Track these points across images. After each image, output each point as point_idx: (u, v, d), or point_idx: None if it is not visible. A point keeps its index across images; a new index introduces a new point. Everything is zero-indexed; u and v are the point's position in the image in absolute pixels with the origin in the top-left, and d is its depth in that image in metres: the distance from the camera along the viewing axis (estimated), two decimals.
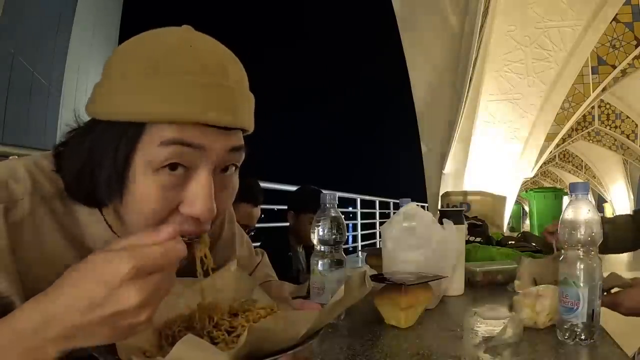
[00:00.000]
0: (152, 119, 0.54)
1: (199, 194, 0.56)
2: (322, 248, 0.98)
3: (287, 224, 2.61)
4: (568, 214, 0.82)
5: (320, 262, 0.98)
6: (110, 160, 0.55)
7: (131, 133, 0.54)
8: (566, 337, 0.82)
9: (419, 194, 9.20)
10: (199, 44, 0.58)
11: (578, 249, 0.81)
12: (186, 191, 0.56)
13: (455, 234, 1.23)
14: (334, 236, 0.97)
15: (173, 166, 0.55)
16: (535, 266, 1.24)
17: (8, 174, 0.59)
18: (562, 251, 0.85)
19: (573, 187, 0.83)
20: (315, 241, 0.98)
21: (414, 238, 1.15)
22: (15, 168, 0.60)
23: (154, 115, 0.54)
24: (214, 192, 0.57)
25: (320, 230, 0.98)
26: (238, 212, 1.39)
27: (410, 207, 1.20)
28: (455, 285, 1.26)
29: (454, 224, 1.22)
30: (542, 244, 1.79)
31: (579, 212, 0.81)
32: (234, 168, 0.61)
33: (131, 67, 0.55)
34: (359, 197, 7.16)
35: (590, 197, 0.87)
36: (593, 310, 0.81)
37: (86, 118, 0.60)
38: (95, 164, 0.57)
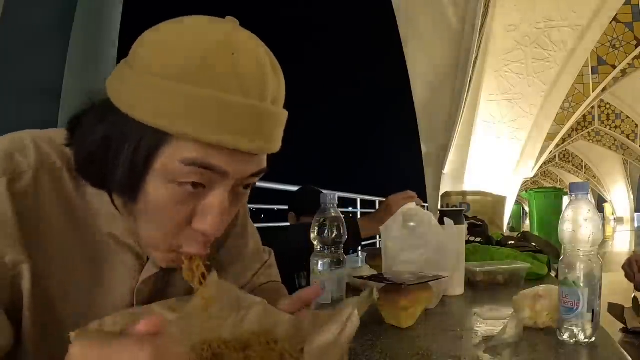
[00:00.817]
0: (176, 132, 0.51)
1: (211, 212, 0.55)
2: (322, 248, 0.98)
3: (287, 224, 2.57)
4: (568, 214, 0.82)
5: (320, 262, 0.98)
6: (126, 161, 0.53)
7: (152, 140, 0.51)
8: (566, 337, 0.82)
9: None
10: (242, 52, 0.52)
11: (578, 249, 0.81)
12: (200, 206, 0.55)
13: (456, 234, 1.23)
14: (333, 236, 0.97)
15: (192, 184, 0.54)
16: None
17: (15, 146, 0.57)
18: (562, 251, 0.85)
19: (573, 187, 0.83)
20: (315, 241, 0.98)
21: (414, 238, 1.15)
22: (22, 140, 0.59)
23: (179, 129, 0.50)
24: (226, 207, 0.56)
25: (320, 230, 0.98)
26: None
27: (410, 207, 1.21)
28: (455, 285, 1.26)
29: (454, 224, 1.22)
30: (544, 245, 1.79)
31: (579, 212, 0.81)
32: (248, 186, 0.60)
33: (163, 63, 0.51)
34: (359, 197, 7.15)
35: (590, 197, 0.87)
36: (593, 310, 0.80)
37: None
38: (109, 157, 0.54)
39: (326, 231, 0.97)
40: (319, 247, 0.98)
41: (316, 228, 0.98)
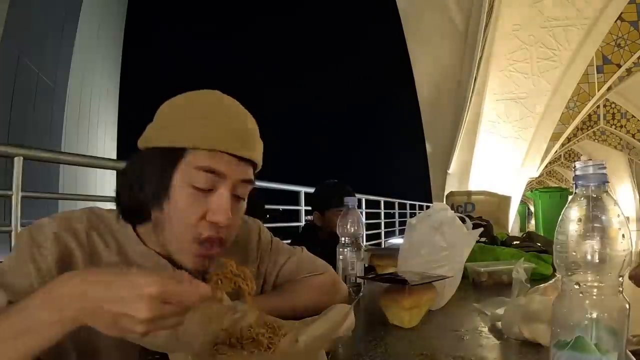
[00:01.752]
0: (191, 145, 0.74)
1: (220, 205, 0.75)
2: (346, 240, 1.26)
3: (296, 223, 2.56)
4: (570, 220, 0.79)
5: (346, 250, 1.25)
6: (157, 176, 0.75)
7: (174, 156, 0.75)
8: None
9: (424, 194, 9.15)
10: (226, 104, 0.80)
11: (589, 283, 0.50)
12: (211, 202, 0.75)
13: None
14: (354, 230, 1.26)
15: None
16: None
17: (72, 216, 0.78)
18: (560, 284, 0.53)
19: (580, 175, 0.77)
20: (340, 234, 1.25)
21: (443, 248, 1.15)
22: (78, 214, 0.79)
23: (192, 142, 0.74)
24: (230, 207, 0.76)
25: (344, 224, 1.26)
26: None
27: (444, 214, 1.20)
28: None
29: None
30: (549, 245, 1.79)
31: (593, 216, 0.77)
32: (243, 199, 0.81)
33: (177, 112, 0.77)
34: (364, 197, 7.14)
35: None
36: None
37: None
38: (145, 180, 0.76)
39: (349, 226, 1.25)
40: (343, 239, 1.25)
41: (343, 224, 1.26)
